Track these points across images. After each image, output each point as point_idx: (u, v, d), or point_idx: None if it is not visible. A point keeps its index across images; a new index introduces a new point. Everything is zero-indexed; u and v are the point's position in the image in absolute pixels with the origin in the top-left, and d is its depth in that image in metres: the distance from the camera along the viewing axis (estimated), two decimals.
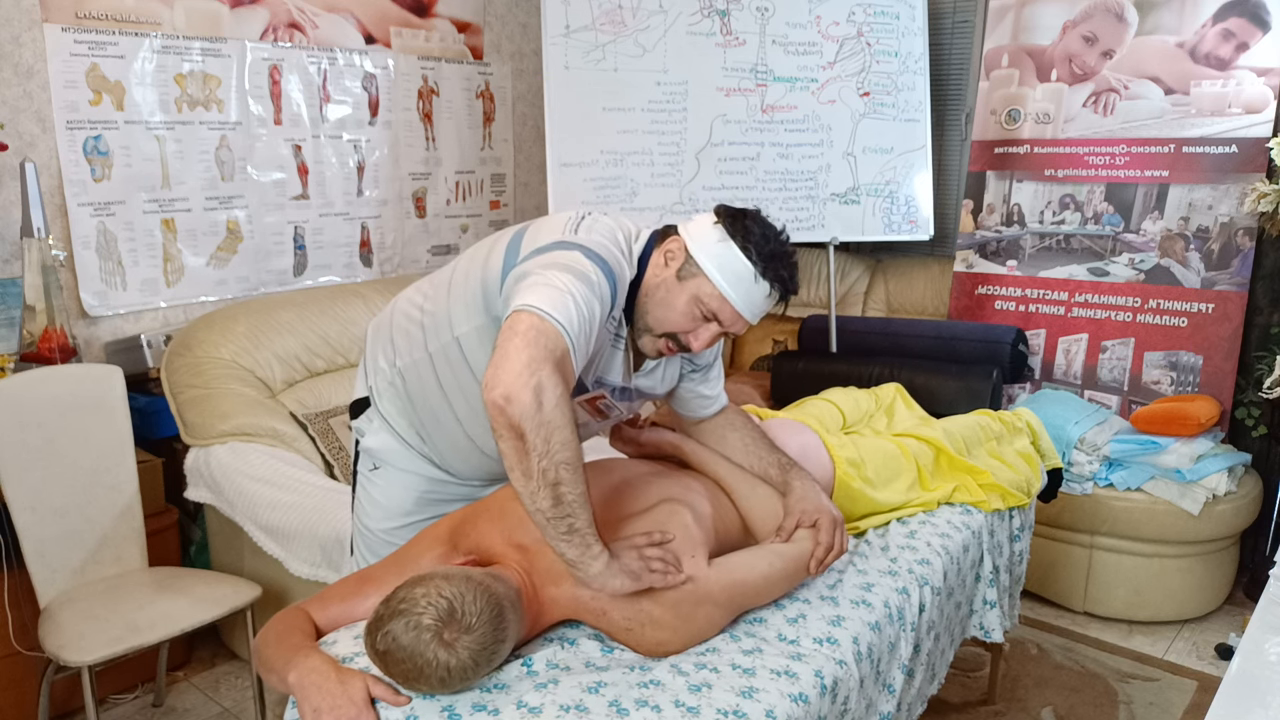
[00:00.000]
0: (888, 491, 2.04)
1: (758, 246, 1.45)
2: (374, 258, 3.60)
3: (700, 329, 1.49)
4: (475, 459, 1.66)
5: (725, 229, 1.46)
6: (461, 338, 1.52)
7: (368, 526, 1.75)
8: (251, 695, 2.44)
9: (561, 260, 1.37)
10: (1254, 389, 3.09)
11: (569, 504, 1.28)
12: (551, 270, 1.35)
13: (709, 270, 1.45)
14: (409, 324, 1.63)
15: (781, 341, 3.98)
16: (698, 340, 1.49)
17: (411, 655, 1.20)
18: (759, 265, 1.45)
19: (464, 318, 1.51)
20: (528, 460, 1.25)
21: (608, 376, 1.55)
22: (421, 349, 1.59)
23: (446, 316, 1.54)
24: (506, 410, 1.23)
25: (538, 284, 1.33)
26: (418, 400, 1.63)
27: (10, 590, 2.30)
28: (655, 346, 1.52)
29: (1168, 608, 3.04)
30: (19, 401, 2.21)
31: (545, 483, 1.26)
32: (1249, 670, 1.31)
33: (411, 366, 1.62)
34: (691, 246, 1.47)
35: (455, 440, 1.64)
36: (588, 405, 1.52)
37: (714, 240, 1.46)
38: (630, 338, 1.55)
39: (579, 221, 1.47)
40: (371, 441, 1.71)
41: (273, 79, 3.19)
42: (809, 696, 1.38)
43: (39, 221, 2.55)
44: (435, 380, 1.59)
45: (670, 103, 3.43)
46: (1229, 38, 3.17)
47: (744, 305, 1.47)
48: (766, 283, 1.46)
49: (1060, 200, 3.50)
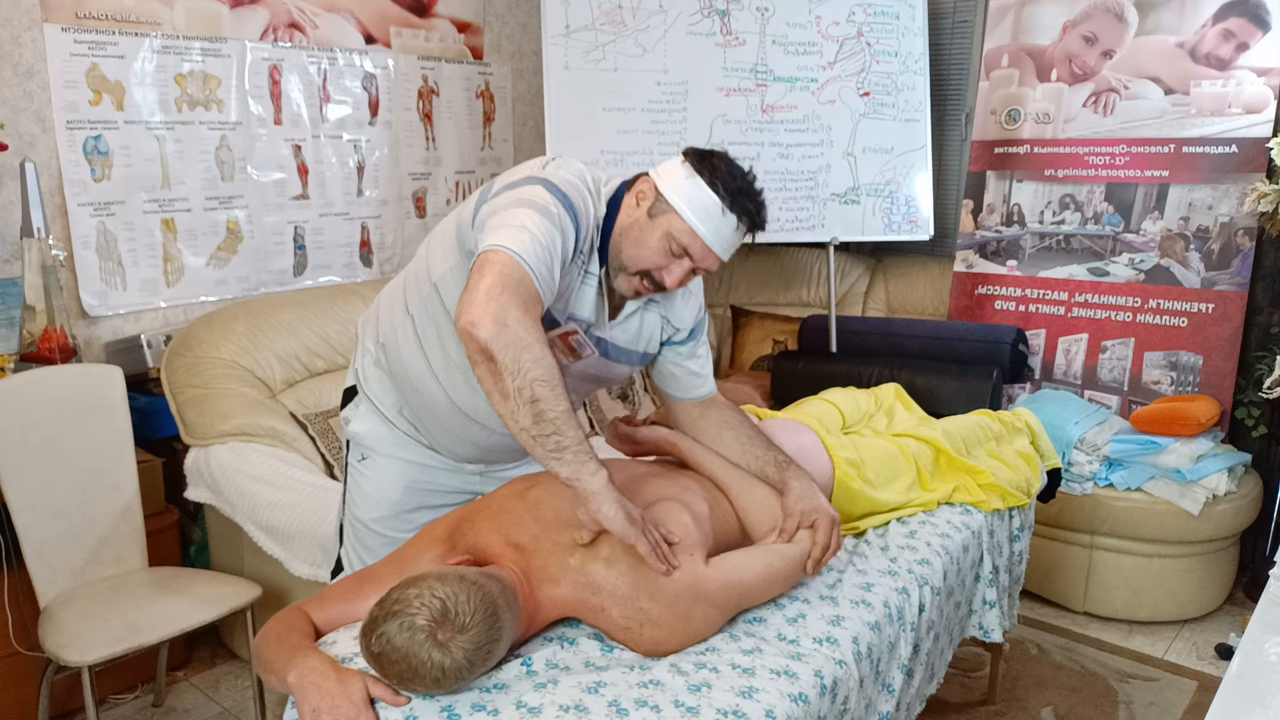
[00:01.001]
0: (887, 492, 2.04)
1: (724, 182, 1.50)
2: (374, 258, 3.60)
3: (673, 264, 1.53)
4: (458, 425, 1.68)
5: (693, 166, 1.52)
6: (439, 282, 1.57)
7: (357, 518, 1.78)
8: (251, 695, 2.44)
9: (525, 195, 1.44)
10: (1254, 389, 3.09)
11: (551, 420, 1.32)
12: (514, 209, 1.42)
13: (679, 205, 1.50)
14: (393, 293, 1.70)
15: (781, 341, 3.98)
16: (670, 276, 1.54)
17: (406, 656, 1.20)
18: (726, 199, 1.50)
19: (440, 260, 1.57)
20: (503, 381, 1.30)
21: (579, 312, 1.58)
22: (403, 312, 1.65)
23: (425, 268, 1.60)
24: (474, 334, 1.30)
25: (500, 225, 1.40)
26: (398, 370, 1.68)
27: (10, 590, 2.30)
28: (631, 285, 1.56)
29: (1168, 608, 3.04)
30: (19, 401, 2.21)
31: (522, 400, 1.30)
32: (1249, 670, 1.31)
33: (391, 334, 1.67)
34: (661, 185, 1.52)
35: (436, 406, 1.66)
36: (560, 341, 1.56)
37: (682, 177, 1.51)
38: (606, 280, 1.58)
39: (548, 161, 1.54)
40: (358, 427, 1.75)
41: (273, 79, 3.19)
42: (809, 696, 1.38)
43: (39, 221, 2.55)
44: (416, 341, 1.63)
45: (670, 103, 3.43)
46: (1229, 38, 3.17)
47: (713, 238, 1.51)
48: (734, 216, 1.51)
49: (1060, 200, 3.50)
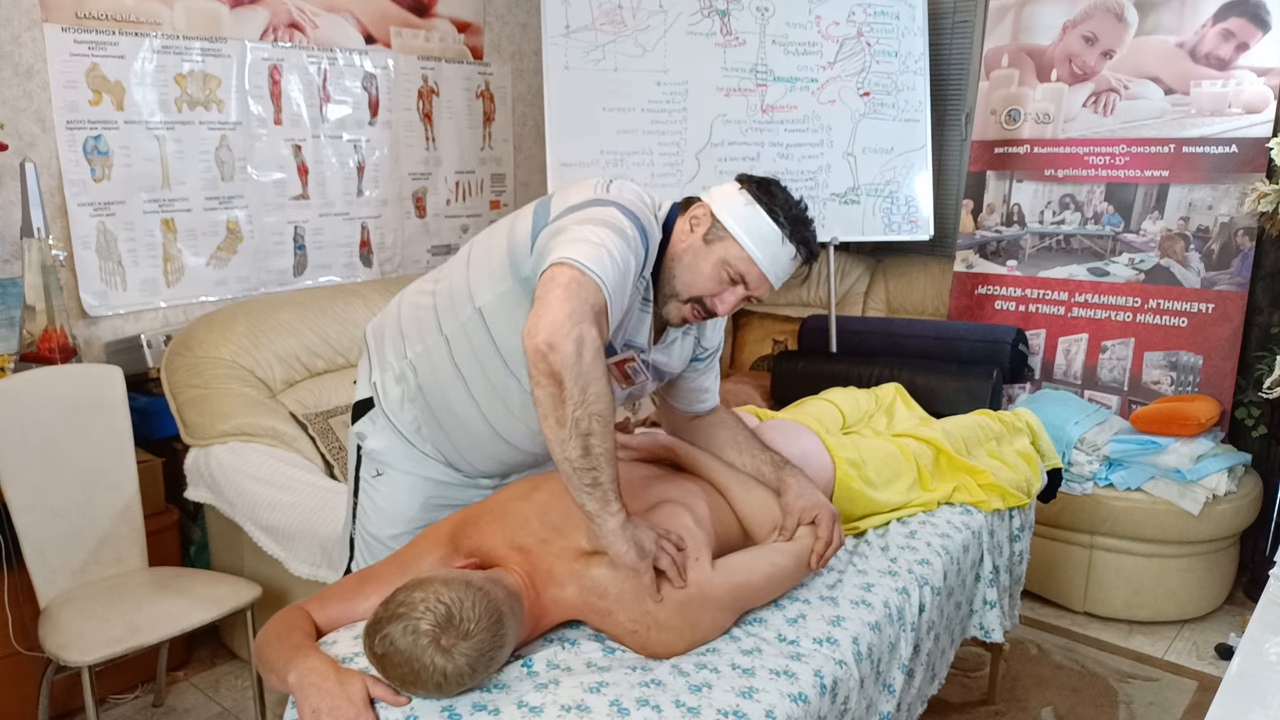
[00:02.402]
0: (888, 492, 2.04)
1: (784, 210, 1.50)
2: (374, 258, 3.60)
3: (726, 292, 1.52)
4: (490, 446, 1.65)
5: (751, 194, 1.51)
6: (484, 307, 1.53)
7: (371, 533, 1.75)
8: (251, 695, 2.44)
9: (597, 215, 1.40)
10: (1254, 389, 3.09)
11: (596, 456, 1.31)
12: (588, 225, 1.38)
13: (736, 233, 1.49)
14: (419, 312, 1.64)
15: (781, 341, 3.98)
16: (723, 303, 1.53)
17: (408, 659, 1.20)
18: (786, 228, 1.49)
19: (487, 286, 1.53)
20: (563, 409, 1.28)
21: (636, 339, 1.56)
22: (435, 333, 1.60)
23: (466, 291, 1.56)
24: (549, 357, 1.26)
25: (575, 238, 1.36)
26: (430, 390, 1.63)
27: (10, 590, 2.30)
28: (680, 313, 1.55)
29: (1168, 608, 3.04)
30: (19, 401, 2.21)
31: (577, 432, 1.29)
32: (1249, 670, 1.31)
33: (424, 354, 1.62)
34: (718, 211, 1.51)
35: (470, 428, 1.63)
36: (616, 368, 1.54)
37: (741, 204, 1.50)
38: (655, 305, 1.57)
39: (608, 183, 1.51)
40: (375, 444, 1.70)
41: (273, 79, 3.19)
42: (809, 696, 1.38)
43: (39, 221, 2.55)
44: (451, 363, 1.59)
45: (670, 103, 3.43)
46: (1229, 38, 3.17)
47: (770, 267, 1.50)
48: (793, 245, 1.50)
49: (1060, 200, 3.50)
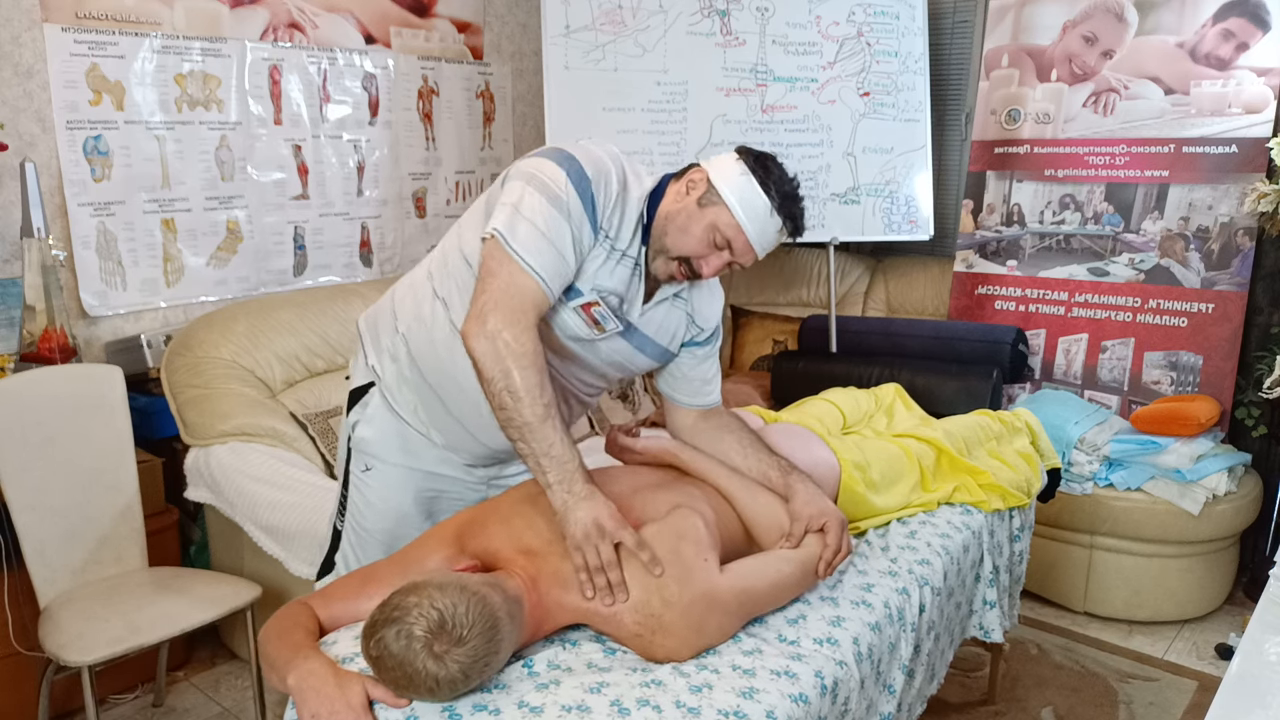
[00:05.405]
0: (890, 495, 2.03)
1: (776, 185, 1.55)
2: (374, 258, 3.60)
3: (712, 255, 1.57)
4: (483, 417, 1.64)
5: (747, 165, 1.55)
6: (470, 255, 1.58)
7: (363, 527, 1.75)
8: (251, 695, 2.44)
9: (532, 169, 1.51)
10: (1254, 389, 3.09)
11: (518, 428, 1.42)
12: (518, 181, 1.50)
13: (729, 200, 1.54)
14: (413, 288, 1.69)
15: (781, 341, 3.98)
16: (709, 266, 1.58)
17: (401, 664, 1.20)
18: (775, 201, 1.54)
19: (472, 237, 1.59)
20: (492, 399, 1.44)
21: (608, 284, 1.59)
22: (430, 298, 1.64)
23: (457, 246, 1.62)
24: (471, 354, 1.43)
25: (506, 204, 1.48)
26: (424, 358, 1.65)
27: (10, 590, 2.30)
28: (668, 270, 1.60)
29: (1168, 608, 3.04)
30: (19, 401, 2.21)
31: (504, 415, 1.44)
32: (1249, 670, 1.31)
33: (418, 322, 1.65)
34: (714, 177, 1.56)
35: (469, 393, 1.61)
36: (583, 311, 1.57)
37: (736, 174, 1.55)
38: (645, 263, 1.61)
39: (583, 139, 1.58)
40: (366, 431, 1.71)
41: (273, 79, 3.19)
42: (809, 697, 1.38)
43: (39, 221, 2.55)
44: (448, 323, 1.60)
45: (670, 103, 3.43)
46: (1229, 38, 3.17)
47: (757, 237, 1.55)
48: (780, 218, 1.55)
49: (1060, 200, 3.50)
